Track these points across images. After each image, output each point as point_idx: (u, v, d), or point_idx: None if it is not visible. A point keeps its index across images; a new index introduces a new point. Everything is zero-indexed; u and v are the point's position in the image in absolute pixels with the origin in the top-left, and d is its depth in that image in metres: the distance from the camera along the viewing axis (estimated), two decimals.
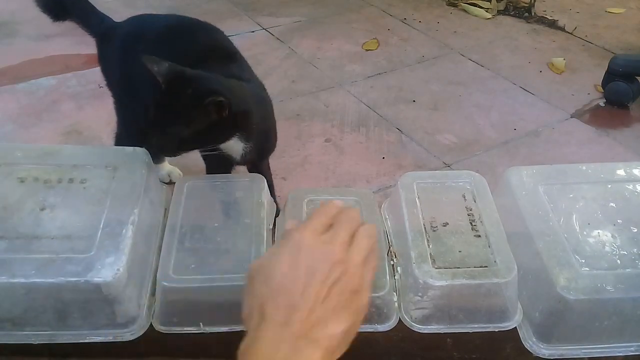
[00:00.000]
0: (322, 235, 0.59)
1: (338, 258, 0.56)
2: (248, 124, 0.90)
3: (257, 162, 1.06)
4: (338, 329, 0.54)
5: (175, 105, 0.83)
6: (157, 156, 0.98)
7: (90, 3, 1.11)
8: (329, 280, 0.55)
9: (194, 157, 1.02)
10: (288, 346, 0.52)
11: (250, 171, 1.08)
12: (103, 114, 1.21)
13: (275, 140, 1.03)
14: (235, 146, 0.92)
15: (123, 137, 1.18)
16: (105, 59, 1.11)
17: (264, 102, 0.98)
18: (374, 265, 0.61)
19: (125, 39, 1.05)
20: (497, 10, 2.27)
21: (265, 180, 0.91)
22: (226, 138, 0.88)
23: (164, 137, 0.84)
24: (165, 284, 0.74)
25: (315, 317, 0.53)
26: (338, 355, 0.55)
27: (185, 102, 0.82)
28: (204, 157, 1.04)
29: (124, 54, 1.05)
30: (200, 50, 0.98)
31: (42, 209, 0.78)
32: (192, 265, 0.76)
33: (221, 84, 0.86)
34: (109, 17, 1.11)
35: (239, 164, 1.00)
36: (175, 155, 0.88)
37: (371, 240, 0.61)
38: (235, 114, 0.85)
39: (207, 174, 1.03)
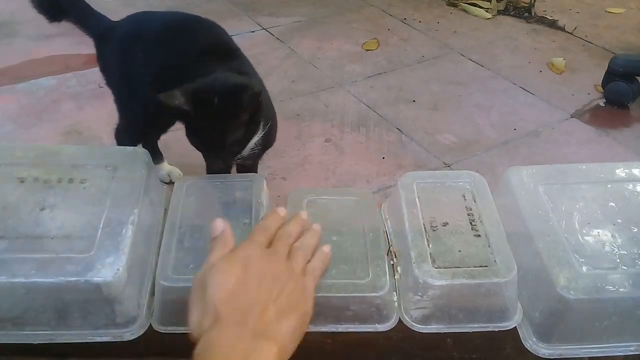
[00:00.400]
0: (266, 249, 0.68)
1: (282, 267, 0.65)
2: (264, 112, 0.91)
3: (255, 160, 1.06)
4: (290, 327, 0.60)
5: (216, 115, 0.82)
6: (154, 154, 0.98)
7: (87, 3, 1.11)
8: (278, 284, 0.62)
9: (194, 157, 1.02)
10: (245, 344, 0.55)
11: (239, 170, 1.08)
12: (103, 114, 1.21)
13: (274, 137, 1.04)
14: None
15: (123, 132, 1.18)
16: (104, 59, 1.11)
17: (268, 96, 0.98)
18: (315, 274, 0.70)
19: (124, 38, 1.05)
20: (497, 10, 2.27)
21: (265, 181, 0.91)
22: (259, 126, 0.89)
23: (222, 149, 0.86)
24: (164, 283, 0.74)
25: (268, 316, 0.59)
26: (289, 355, 0.59)
27: (224, 106, 0.82)
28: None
29: (123, 52, 1.05)
30: (201, 47, 0.98)
31: (42, 209, 0.79)
32: (191, 265, 0.76)
33: (241, 76, 0.87)
34: (106, 17, 1.11)
35: (243, 159, 1.00)
36: (239, 159, 0.91)
37: (305, 252, 0.70)
38: (261, 100, 0.86)
39: (207, 172, 1.03)
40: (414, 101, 1.66)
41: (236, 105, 0.82)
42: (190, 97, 0.81)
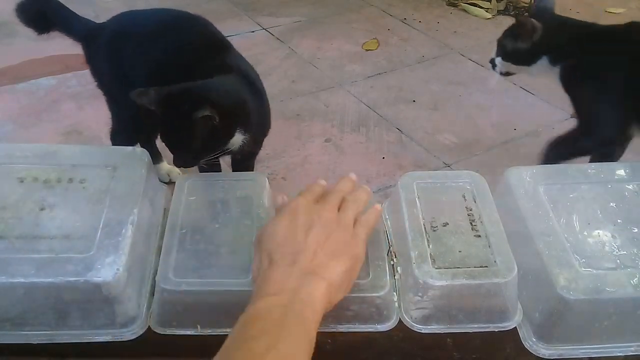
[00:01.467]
0: (315, 203, 0.71)
1: (331, 216, 0.69)
2: (246, 117, 0.91)
3: (249, 155, 1.06)
4: (339, 267, 0.65)
5: (176, 124, 0.86)
6: (154, 154, 0.99)
7: (70, 10, 1.12)
8: (326, 231, 0.67)
9: None
10: (296, 278, 0.62)
11: (234, 166, 1.08)
12: (103, 114, 1.21)
13: (269, 126, 1.04)
14: (235, 139, 0.92)
15: (118, 133, 1.18)
16: (93, 60, 1.11)
17: (258, 91, 0.99)
18: (368, 225, 0.72)
19: (112, 38, 1.05)
20: (497, 10, 2.27)
21: (267, 180, 0.91)
22: (231, 134, 0.90)
23: (180, 153, 0.88)
24: (165, 287, 0.74)
25: (318, 259, 0.64)
26: (340, 295, 0.65)
27: (182, 119, 0.84)
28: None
29: (112, 52, 1.05)
30: (191, 43, 0.98)
31: (42, 209, 0.78)
32: (192, 268, 0.76)
33: (211, 90, 0.87)
34: (91, 20, 1.12)
35: (234, 155, 1.01)
36: (199, 165, 0.92)
37: (356, 204, 0.73)
38: (232, 110, 0.86)
39: (198, 168, 1.03)
40: (414, 101, 1.66)
41: (189, 119, 0.84)
42: (159, 99, 0.84)
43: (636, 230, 0.79)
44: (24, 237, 0.74)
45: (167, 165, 1.27)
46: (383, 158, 1.43)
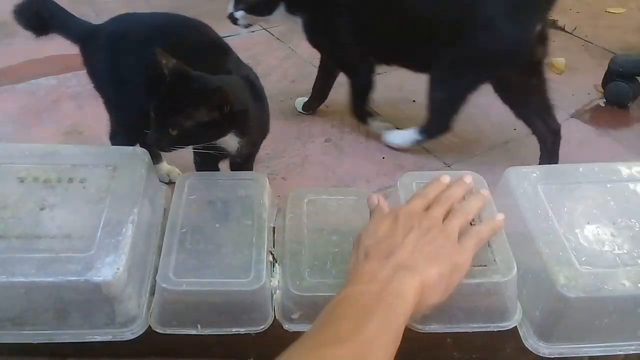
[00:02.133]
0: (421, 211, 0.70)
1: (431, 223, 0.68)
2: (245, 122, 0.91)
3: (247, 157, 1.06)
4: (434, 269, 0.63)
5: (179, 98, 0.84)
6: (153, 154, 0.99)
7: (67, 12, 1.12)
8: (426, 237, 0.66)
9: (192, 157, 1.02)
10: (389, 270, 0.62)
11: (233, 167, 1.08)
12: (103, 114, 1.21)
13: (268, 130, 1.04)
14: (230, 142, 0.92)
15: (118, 135, 1.18)
16: (90, 62, 1.11)
17: (259, 94, 0.99)
18: (479, 236, 0.71)
19: (111, 40, 1.05)
20: None
21: (268, 180, 0.91)
22: (222, 135, 0.89)
23: (162, 129, 0.85)
24: (165, 286, 0.74)
25: (413, 257, 0.64)
26: (435, 299, 0.64)
27: (190, 96, 0.83)
28: (194, 151, 1.05)
29: (111, 54, 1.05)
30: (191, 46, 0.98)
31: (42, 209, 0.79)
32: (192, 268, 0.76)
33: (225, 83, 0.87)
34: (88, 21, 1.12)
35: (232, 157, 1.01)
36: (169, 151, 0.88)
37: (465, 213, 0.72)
38: (234, 113, 0.85)
39: (195, 167, 1.03)
40: (414, 101, 1.66)
41: (198, 98, 0.84)
42: (173, 65, 0.84)
43: (636, 229, 0.79)
44: (24, 236, 0.74)
45: (167, 166, 1.27)
46: (383, 158, 1.43)
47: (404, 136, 1.44)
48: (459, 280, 0.67)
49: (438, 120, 1.39)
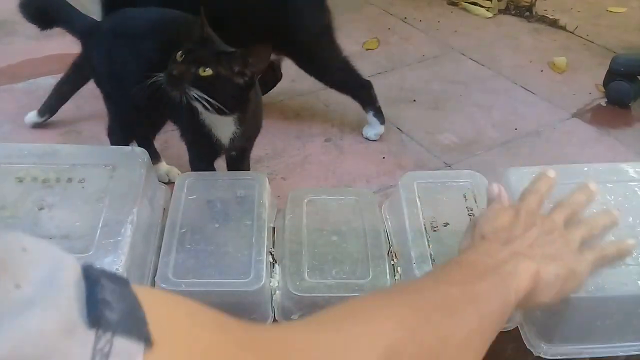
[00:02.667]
0: (540, 214, 0.66)
1: (553, 226, 0.64)
2: (247, 108, 0.92)
3: (241, 152, 1.06)
4: (551, 267, 0.59)
5: (217, 47, 0.87)
6: (152, 154, 0.98)
7: (72, 7, 1.13)
8: (545, 236, 0.62)
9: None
10: (507, 254, 0.58)
11: (230, 166, 1.08)
12: (102, 114, 1.21)
13: (261, 126, 1.05)
14: (227, 129, 0.92)
15: (115, 131, 1.19)
16: (91, 57, 1.12)
17: (257, 89, 0.99)
18: (601, 254, 0.65)
19: (109, 35, 1.06)
20: (498, 10, 2.26)
21: (267, 180, 0.91)
22: (231, 105, 0.89)
23: (190, 67, 0.85)
24: (164, 286, 0.73)
25: (532, 251, 0.60)
26: (545, 297, 0.59)
27: (230, 51, 0.87)
28: (189, 146, 1.05)
29: (110, 49, 1.06)
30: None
31: (41, 209, 0.78)
32: (192, 268, 0.76)
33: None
34: (91, 17, 1.13)
35: (225, 151, 1.01)
36: (183, 91, 0.86)
37: (588, 227, 0.66)
38: (249, 89, 0.88)
39: (190, 165, 1.04)
40: (414, 101, 1.66)
41: (237, 55, 0.87)
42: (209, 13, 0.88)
43: (638, 228, 0.79)
44: None
45: (165, 166, 1.27)
46: (383, 158, 1.43)
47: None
48: (573, 290, 0.63)
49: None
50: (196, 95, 0.85)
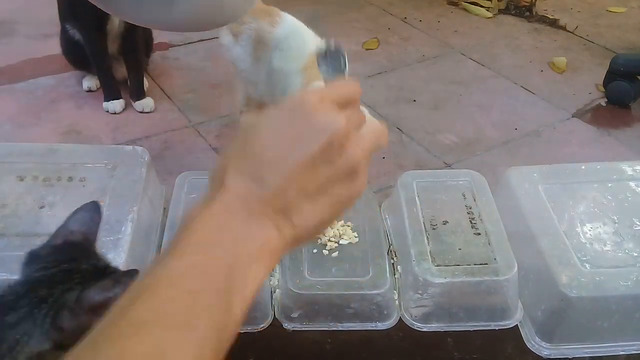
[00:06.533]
0: (335, 105, 0.42)
1: (343, 130, 0.41)
2: None
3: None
4: (315, 219, 0.40)
5: None
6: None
7: None
8: (322, 155, 0.40)
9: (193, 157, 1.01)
10: (240, 222, 0.38)
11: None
12: (102, 114, 1.21)
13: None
14: None
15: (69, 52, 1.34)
16: None
17: None
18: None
19: None
20: (498, 10, 2.26)
21: None
22: None
23: None
24: None
25: (288, 198, 0.39)
26: (304, 242, 0.42)
27: None
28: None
29: None
30: None
31: (42, 207, 0.78)
32: None
33: None
34: None
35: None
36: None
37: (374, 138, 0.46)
38: None
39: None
40: (414, 101, 1.66)
41: None
42: None
43: (638, 228, 0.79)
44: (24, 234, 0.74)
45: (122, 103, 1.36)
46: (383, 158, 1.43)
47: None
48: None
49: None
50: None
